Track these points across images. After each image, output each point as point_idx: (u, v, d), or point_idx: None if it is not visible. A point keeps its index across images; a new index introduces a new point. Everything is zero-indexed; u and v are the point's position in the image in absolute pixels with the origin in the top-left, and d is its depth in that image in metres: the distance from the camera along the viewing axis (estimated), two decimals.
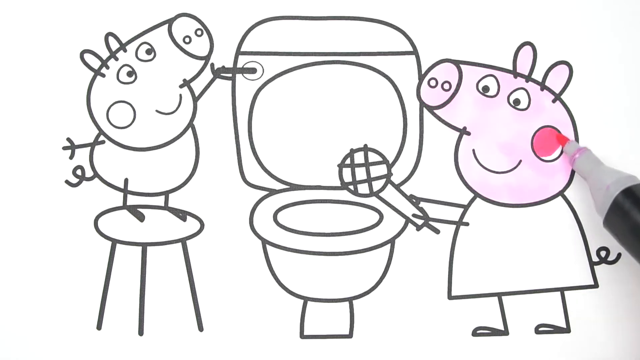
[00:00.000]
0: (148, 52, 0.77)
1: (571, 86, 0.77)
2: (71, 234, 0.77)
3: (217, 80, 0.78)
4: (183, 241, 0.77)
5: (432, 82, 0.77)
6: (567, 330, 0.77)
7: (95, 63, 0.77)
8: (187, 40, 0.77)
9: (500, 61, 0.77)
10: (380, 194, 0.77)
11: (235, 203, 0.77)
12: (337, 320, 0.77)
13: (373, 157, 0.77)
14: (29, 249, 0.76)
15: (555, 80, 0.77)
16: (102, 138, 0.77)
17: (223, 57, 0.78)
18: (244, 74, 0.78)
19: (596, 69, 0.77)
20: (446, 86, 0.77)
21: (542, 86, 0.77)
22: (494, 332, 0.77)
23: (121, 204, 0.77)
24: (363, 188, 0.77)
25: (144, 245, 0.77)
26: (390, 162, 0.77)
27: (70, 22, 0.77)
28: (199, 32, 0.77)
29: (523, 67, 0.77)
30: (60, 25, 0.77)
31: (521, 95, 0.77)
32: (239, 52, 0.78)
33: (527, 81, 0.77)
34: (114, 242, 0.77)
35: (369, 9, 0.77)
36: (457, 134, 0.77)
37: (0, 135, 0.77)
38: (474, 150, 0.77)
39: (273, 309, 0.77)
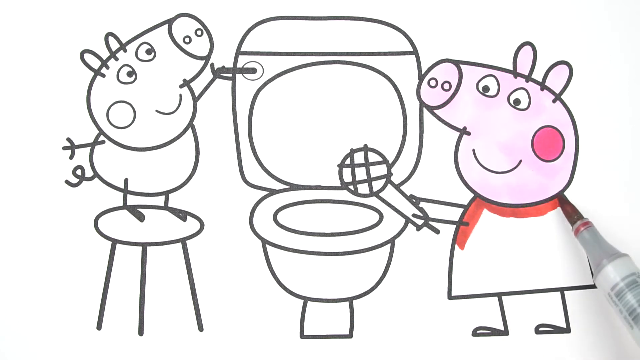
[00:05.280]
0: (148, 52, 0.77)
1: (571, 86, 0.77)
2: (71, 234, 0.77)
3: (217, 80, 0.78)
4: (183, 241, 0.77)
5: (432, 82, 0.77)
6: (567, 330, 0.77)
7: (95, 63, 0.77)
8: (187, 40, 0.77)
9: (500, 61, 0.77)
10: (380, 194, 0.77)
11: (235, 203, 0.77)
12: (337, 320, 0.77)
13: (373, 157, 0.77)
14: (29, 249, 0.76)
15: (555, 80, 0.77)
16: (102, 138, 0.77)
17: (223, 57, 0.78)
18: (244, 74, 0.78)
19: (596, 69, 0.77)
20: (446, 86, 0.77)
21: (542, 86, 0.77)
22: (494, 332, 0.77)
23: (121, 204, 0.77)
24: (363, 188, 0.77)
25: (144, 245, 0.77)
26: (390, 162, 0.77)
27: (70, 22, 0.77)
28: (199, 32, 0.77)
29: (523, 67, 0.77)
30: (60, 25, 0.77)
31: (521, 95, 0.77)
32: (239, 52, 0.77)
33: (527, 81, 0.77)
34: (114, 242, 0.77)
35: (369, 9, 0.77)
36: (457, 134, 0.77)
37: (0, 135, 0.77)
38: (474, 150, 0.77)
39: (273, 309, 0.77)
